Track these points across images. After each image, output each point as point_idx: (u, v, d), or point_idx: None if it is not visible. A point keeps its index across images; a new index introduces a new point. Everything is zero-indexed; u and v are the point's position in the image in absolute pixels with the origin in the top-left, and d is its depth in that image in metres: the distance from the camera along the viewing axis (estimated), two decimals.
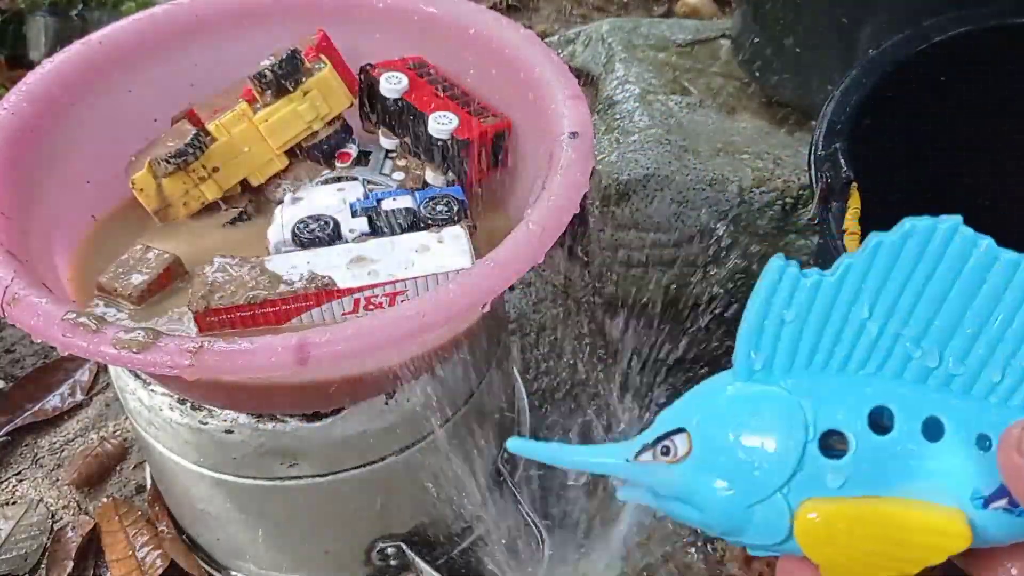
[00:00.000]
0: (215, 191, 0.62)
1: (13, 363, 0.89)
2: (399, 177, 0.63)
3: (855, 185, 0.54)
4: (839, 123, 0.58)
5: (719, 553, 0.73)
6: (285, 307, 0.51)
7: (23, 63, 1.16)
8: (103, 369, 0.87)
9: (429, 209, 0.57)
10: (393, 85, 0.61)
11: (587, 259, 0.97)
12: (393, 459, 0.60)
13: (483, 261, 0.47)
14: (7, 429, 0.82)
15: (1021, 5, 0.62)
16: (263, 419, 0.56)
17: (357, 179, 0.62)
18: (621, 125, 0.81)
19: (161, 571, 0.71)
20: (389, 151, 0.65)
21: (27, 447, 0.82)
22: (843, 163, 0.55)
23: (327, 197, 0.60)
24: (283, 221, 0.57)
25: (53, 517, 0.77)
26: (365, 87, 0.63)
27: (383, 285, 0.52)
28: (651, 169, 0.75)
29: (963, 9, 0.62)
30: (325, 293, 0.51)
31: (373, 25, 0.66)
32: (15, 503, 0.78)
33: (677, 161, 0.76)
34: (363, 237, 0.57)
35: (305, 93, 0.61)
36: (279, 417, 0.56)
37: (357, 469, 0.59)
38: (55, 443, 0.82)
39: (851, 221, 0.52)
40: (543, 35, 1.11)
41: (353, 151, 0.64)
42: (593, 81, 0.94)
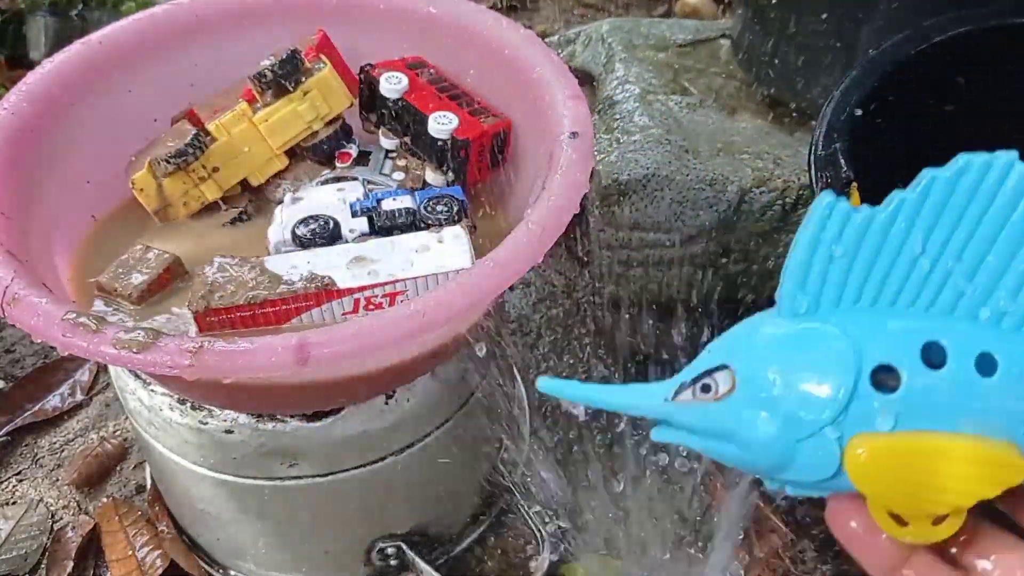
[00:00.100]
0: (215, 191, 0.62)
1: (13, 363, 0.89)
2: (399, 177, 0.63)
3: (855, 185, 0.54)
4: (839, 123, 0.58)
5: (719, 553, 0.73)
6: (285, 307, 0.51)
7: (23, 63, 1.16)
8: (103, 369, 0.87)
9: (429, 209, 0.57)
10: (393, 85, 0.61)
11: (587, 259, 0.97)
12: (393, 459, 0.60)
13: (483, 261, 0.47)
14: (7, 429, 0.82)
15: (1021, 5, 0.62)
16: (263, 419, 0.56)
17: (357, 179, 0.62)
18: (621, 125, 0.81)
19: (161, 571, 0.71)
20: (389, 151, 0.65)
21: (27, 447, 0.82)
22: (843, 163, 0.55)
23: (327, 197, 0.60)
24: (283, 221, 0.57)
25: (53, 517, 0.77)
26: (365, 87, 0.63)
27: (383, 285, 0.52)
28: (651, 169, 0.75)
29: (963, 9, 0.62)
30: (325, 293, 0.51)
31: (373, 25, 0.66)
32: (15, 503, 0.78)
33: (677, 161, 0.76)
34: (363, 237, 0.57)
35: (305, 93, 0.61)
36: (279, 417, 0.56)
37: (357, 469, 0.59)
38: (55, 443, 0.82)
39: None
40: (543, 35, 1.11)
41: (353, 151, 0.64)
42: (593, 81, 0.94)
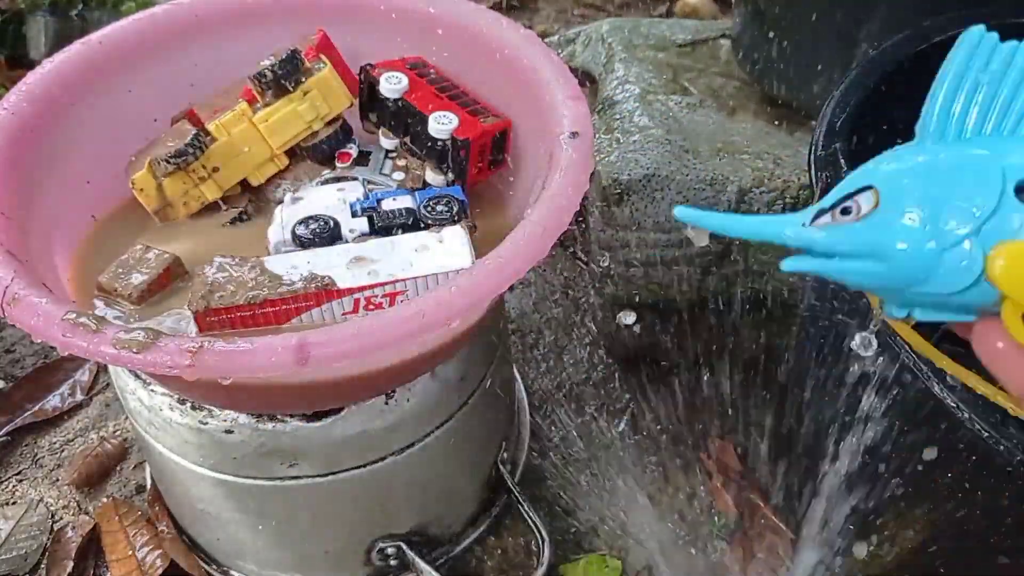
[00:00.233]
0: (215, 191, 0.62)
1: (13, 363, 0.89)
2: (399, 177, 0.63)
3: None
4: (839, 123, 0.58)
5: (719, 553, 0.73)
6: (285, 307, 0.51)
7: (23, 63, 1.16)
8: (103, 369, 0.87)
9: (429, 209, 0.57)
10: (393, 85, 0.61)
11: (587, 259, 0.97)
12: (393, 459, 0.60)
13: (483, 261, 0.47)
14: (7, 429, 0.82)
15: (1021, 5, 0.62)
16: (263, 419, 0.56)
17: (357, 179, 0.62)
18: (621, 125, 0.81)
19: (161, 571, 0.71)
20: (389, 151, 0.65)
21: (27, 447, 0.82)
22: (843, 163, 0.55)
23: (327, 197, 0.60)
24: (283, 221, 0.57)
25: (53, 517, 0.77)
26: (365, 87, 0.63)
27: (383, 285, 0.52)
28: (651, 169, 0.75)
29: (963, 9, 0.62)
30: (325, 293, 0.51)
31: (373, 25, 0.66)
32: (15, 503, 0.78)
33: (677, 161, 0.76)
34: (363, 237, 0.57)
35: (305, 93, 0.61)
36: (279, 417, 0.56)
37: (357, 469, 0.59)
38: (55, 443, 0.82)
39: None
40: (543, 35, 1.11)
41: (353, 151, 0.64)
42: (593, 81, 0.94)
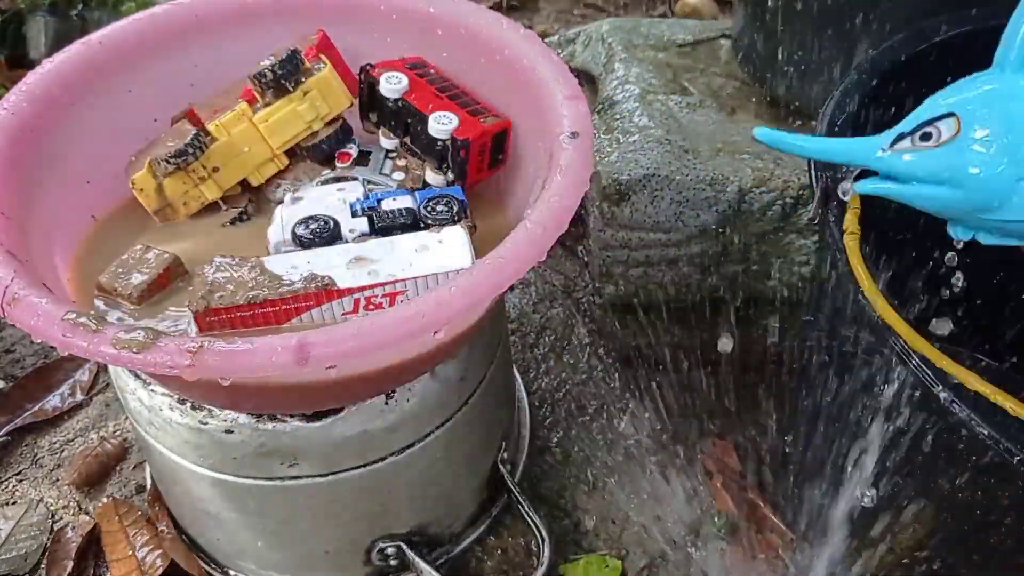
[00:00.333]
0: (215, 191, 0.62)
1: (13, 363, 0.89)
2: (399, 177, 0.63)
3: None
4: (839, 123, 0.58)
5: (719, 553, 0.73)
6: (285, 307, 0.51)
7: (23, 63, 1.16)
8: (103, 369, 0.87)
9: (429, 209, 0.57)
10: (393, 85, 0.61)
11: (587, 259, 0.97)
12: (393, 459, 0.60)
13: (483, 261, 0.47)
14: (7, 429, 0.82)
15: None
16: (263, 419, 0.56)
17: (357, 179, 0.62)
18: (621, 125, 0.81)
19: (161, 571, 0.71)
20: (389, 151, 0.65)
21: (27, 447, 0.82)
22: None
23: (327, 197, 0.60)
24: (283, 221, 0.57)
25: (53, 517, 0.77)
26: (365, 87, 0.63)
27: (383, 285, 0.52)
28: (651, 169, 0.75)
29: (963, 9, 0.62)
30: (325, 293, 0.51)
31: (373, 25, 0.66)
32: (15, 503, 0.78)
33: (677, 161, 0.76)
34: (363, 237, 0.57)
35: (305, 93, 0.61)
36: (279, 417, 0.56)
37: (357, 469, 0.59)
38: (55, 443, 0.82)
39: (851, 221, 0.52)
40: (543, 35, 1.11)
41: (353, 151, 0.64)
42: (593, 81, 0.94)
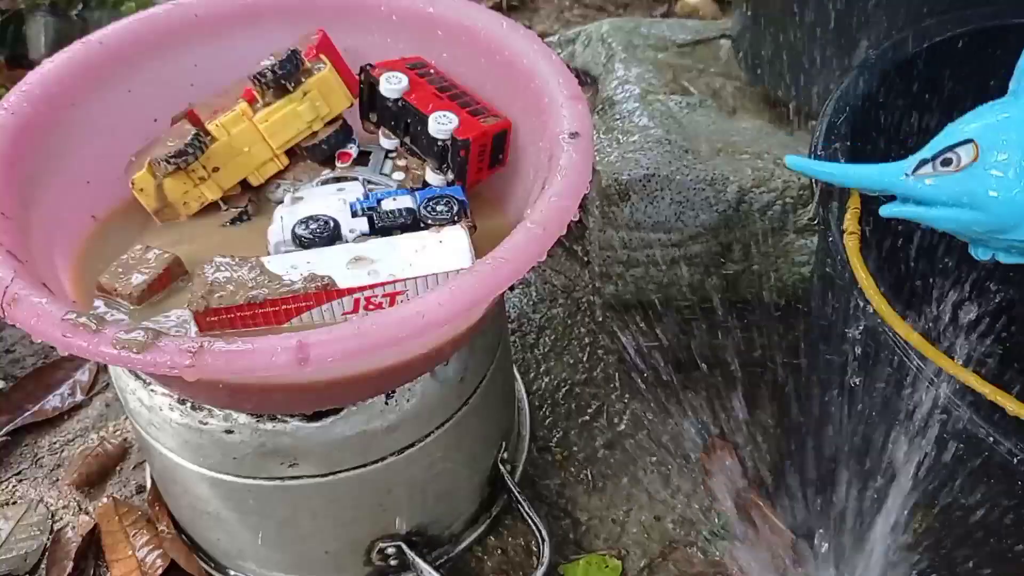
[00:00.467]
0: (215, 191, 0.62)
1: (13, 363, 0.89)
2: (399, 177, 0.63)
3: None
4: (839, 123, 0.58)
5: (719, 553, 0.73)
6: (285, 307, 0.51)
7: (23, 63, 1.16)
8: (103, 369, 0.87)
9: (429, 209, 0.57)
10: (393, 85, 0.61)
11: (587, 259, 0.97)
12: (393, 459, 0.60)
13: (483, 261, 0.47)
14: (7, 429, 0.82)
15: (1021, 5, 0.62)
16: (263, 419, 0.56)
17: (357, 179, 0.62)
18: (621, 125, 0.81)
19: (161, 571, 0.71)
20: (389, 151, 0.65)
21: (27, 447, 0.82)
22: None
23: (327, 197, 0.60)
24: (283, 221, 0.57)
25: (53, 517, 0.77)
26: (365, 87, 0.63)
27: (383, 285, 0.52)
28: (651, 169, 0.75)
29: (963, 9, 0.62)
30: (325, 293, 0.51)
31: (373, 25, 0.66)
32: (15, 503, 0.78)
33: (677, 161, 0.76)
34: (363, 237, 0.57)
35: (305, 93, 0.61)
36: (279, 417, 0.56)
37: (357, 469, 0.59)
38: (55, 443, 0.82)
39: (851, 221, 0.52)
40: (543, 35, 1.11)
41: (353, 151, 0.64)
42: (593, 81, 0.94)
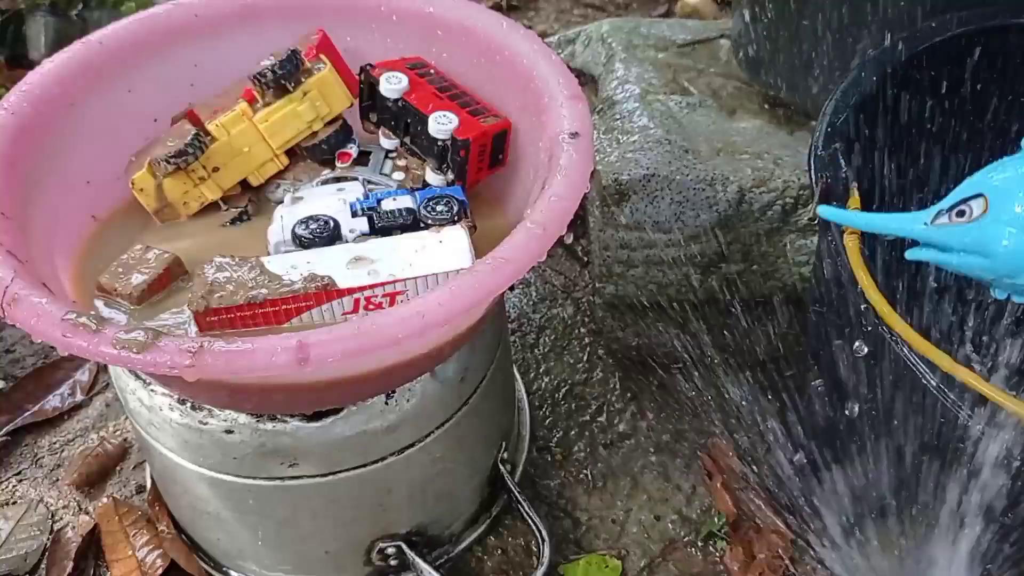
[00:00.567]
0: (215, 191, 0.62)
1: (13, 363, 0.89)
2: (399, 177, 0.63)
3: (855, 185, 0.54)
4: (839, 123, 0.58)
5: (719, 553, 0.73)
6: (285, 307, 0.51)
7: (23, 63, 1.16)
8: (103, 369, 0.87)
9: (429, 209, 0.57)
10: (393, 85, 0.61)
11: (587, 259, 0.97)
12: (393, 459, 0.60)
13: (483, 261, 0.47)
14: (7, 429, 0.82)
15: (1021, 5, 0.62)
16: (263, 419, 0.56)
17: (357, 179, 0.62)
18: (621, 125, 0.81)
19: (161, 571, 0.71)
20: (389, 151, 0.65)
21: (27, 447, 0.82)
22: (843, 163, 0.55)
23: (327, 197, 0.60)
24: (283, 221, 0.58)
25: (53, 517, 0.77)
26: (365, 87, 0.63)
27: (383, 285, 0.52)
28: (651, 169, 0.75)
29: (963, 10, 0.62)
30: (325, 293, 0.51)
31: (373, 25, 0.66)
32: (15, 503, 0.78)
33: (677, 161, 0.76)
34: (363, 237, 0.57)
35: (305, 93, 0.61)
36: (279, 417, 0.56)
37: (357, 469, 0.59)
38: (55, 443, 0.82)
39: None
40: (543, 35, 1.11)
41: (353, 151, 0.64)
42: (593, 81, 0.94)
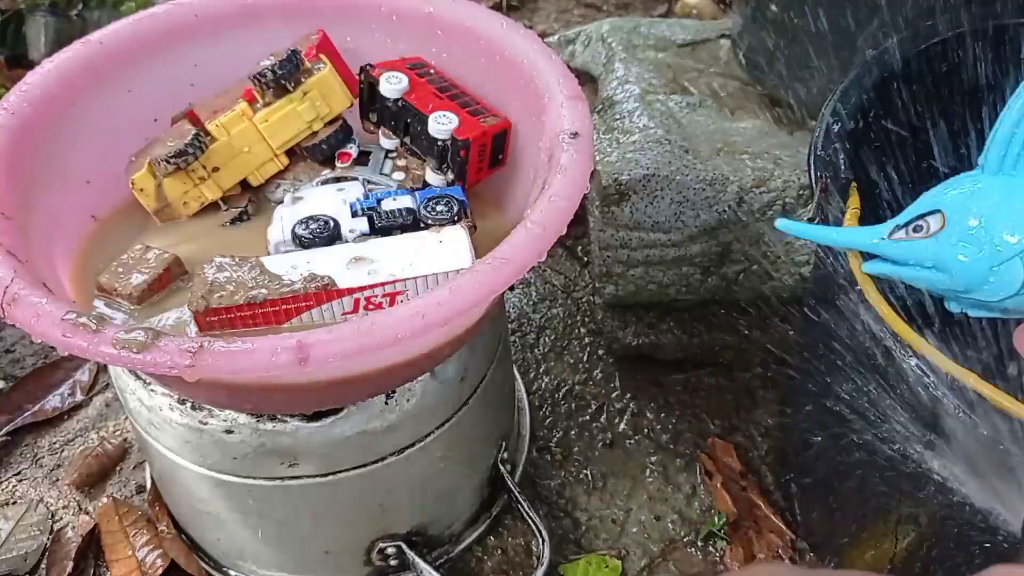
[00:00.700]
0: (215, 191, 0.62)
1: (13, 363, 0.89)
2: (399, 177, 0.63)
3: (855, 185, 0.54)
4: (839, 123, 0.58)
5: (719, 553, 0.73)
6: (285, 307, 0.51)
7: (23, 63, 1.16)
8: (103, 369, 0.87)
9: (429, 209, 0.57)
10: (393, 85, 0.61)
11: (587, 259, 0.97)
12: (393, 459, 0.60)
13: (483, 261, 0.47)
14: (7, 429, 0.82)
15: (1021, 5, 0.62)
16: (263, 419, 0.56)
17: (357, 179, 0.62)
18: (621, 125, 0.81)
19: (161, 571, 0.71)
20: (389, 151, 0.65)
21: (27, 447, 0.82)
22: (843, 163, 0.55)
23: (327, 197, 0.60)
24: (283, 221, 0.58)
25: (53, 517, 0.77)
26: (365, 87, 0.63)
27: (383, 285, 0.52)
28: (651, 169, 0.75)
29: (963, 9, 0.62)
30: (325, 293, 0.51)
31: (373, 25, 0.66)
32: (15, 503, 0.78)
33: (677, 161, 0.76)
34: (363, 237, 0.57)
35: (305, 93, 0.61)
36: (279, 417, 0.56)
37: (357, 469, 0.59)
38: (55, 443, 0.82)
39: (851, 221, 0.52)
40: (543, 35, 1.11)
41: (353, 151, 0.64)
42: (593, 81, 0.94)
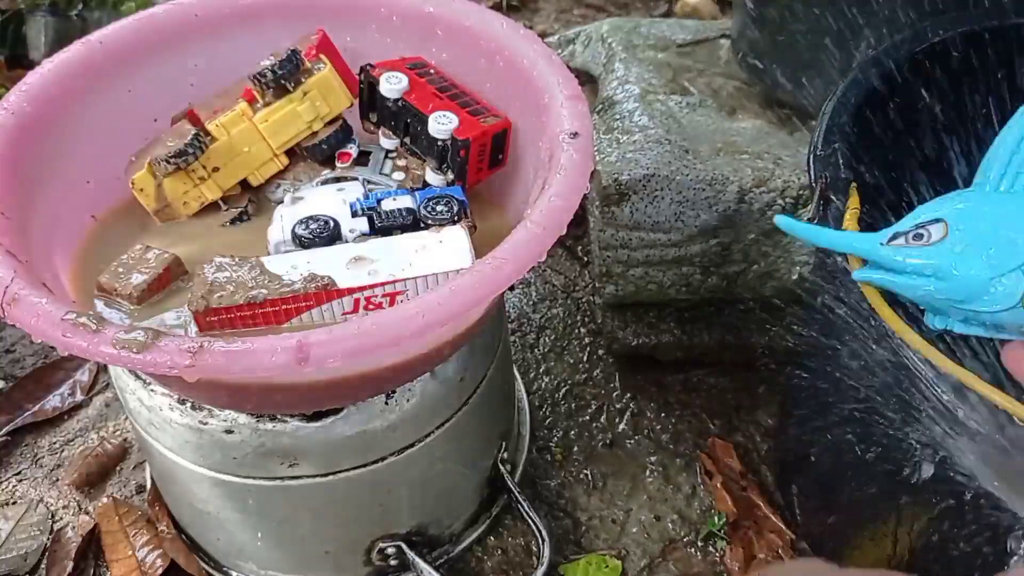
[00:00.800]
0: (215, 191, 0.62)
1: (13, 363, 0.89)
2: (399, 177, 0.63)
3: (855, 185, 0.54)
4: (839, 123, 0.58)
5: (719, 553, 0.73)
6: (285, 307, 0.51)
7: (23, 63, 1.16)
8: (103, 369, 0.87)
9: (429, 209, 0.57)
10: (393, 85, 0.61)
11: (587, 259, 0.97)
12: (393, 459, 0.60)
13: (483, 261, 0.47)
14: (7, 429, 0.82)
15: (1021, 5, 0.62)
16: (263, 419, 0.56)
17: (357, 179, 0.62)
18: (621, 125, 0.81)
19: (161, 571, 0.71)
20: (389, 151, 0.65)
21: (27, 447, 0.82)
22: (843, 163, 0.55)
23: (327, 197, 0.60)
24: (283, 221, 0.58)
25: (53, 517, 0.77)
26: (365, 87, 0.63)
27: (383, 285, 0.52)
28: (651, 169, 0.75)
29: (963, 9, 0.62)
30: (325, 293, 0.51)
31: (373, 25, 0.66)
32: (15, 503, 0.78)
33: (677, 161, 0.76)
34: (363, 237, 0.57)
35: (305, 93, 0.61)
36: (279, 417, 0.56)
37: (357, 469, 0.59)
38: (55, 443, 0.82)
39: (851, 221, 0.52)
40: (543, 35, 1.11)
41: (353, 151, 0.64)
42: (593, 81, 0.94)
